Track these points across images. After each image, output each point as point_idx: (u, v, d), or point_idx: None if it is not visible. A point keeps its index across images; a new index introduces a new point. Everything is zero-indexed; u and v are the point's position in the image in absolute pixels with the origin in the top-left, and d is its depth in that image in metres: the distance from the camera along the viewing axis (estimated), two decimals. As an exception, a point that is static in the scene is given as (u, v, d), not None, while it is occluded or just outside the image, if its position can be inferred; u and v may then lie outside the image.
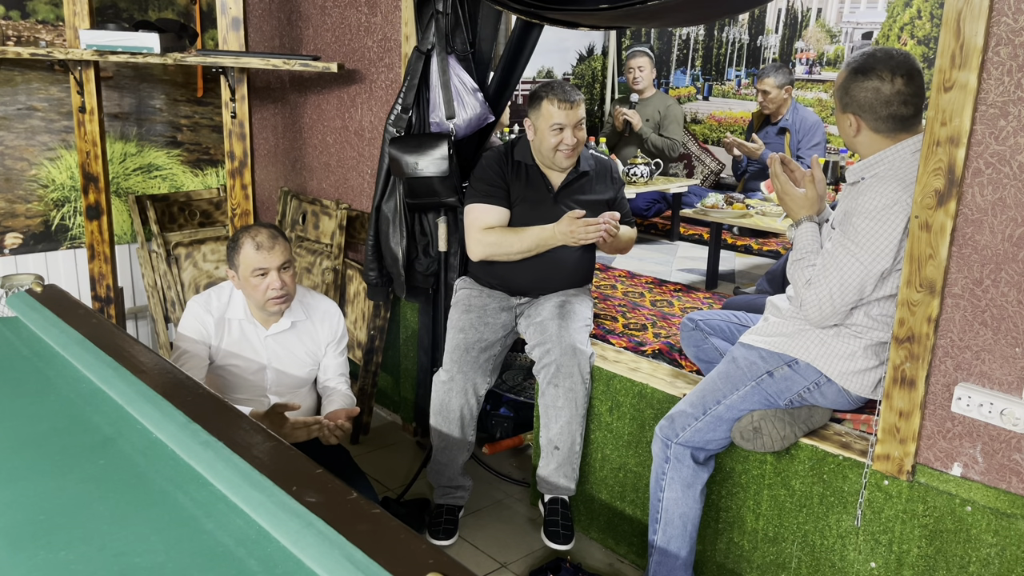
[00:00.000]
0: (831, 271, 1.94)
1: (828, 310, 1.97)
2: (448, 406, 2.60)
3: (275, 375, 2.43)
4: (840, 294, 1.94)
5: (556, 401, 2.50)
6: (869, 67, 1.93)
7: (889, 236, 1.87)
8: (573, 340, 2.51)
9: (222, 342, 2.38)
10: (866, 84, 1.93)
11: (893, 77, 1.90)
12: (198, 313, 2.37)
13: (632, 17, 2.36)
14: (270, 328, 2.41)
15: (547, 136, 2.61)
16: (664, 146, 4.68)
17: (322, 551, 1.17)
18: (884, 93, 1.91)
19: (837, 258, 1.94)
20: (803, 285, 2.01)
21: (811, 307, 1.99)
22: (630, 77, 4.85)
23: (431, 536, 2.61)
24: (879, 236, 1.88)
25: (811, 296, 1.98)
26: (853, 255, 1.91)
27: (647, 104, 4.81)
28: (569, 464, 2.56)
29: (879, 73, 1.91)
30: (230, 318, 2.39)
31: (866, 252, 1.89)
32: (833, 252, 1.95)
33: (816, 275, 1.98)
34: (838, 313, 1.98)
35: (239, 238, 2.32)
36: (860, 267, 1.91)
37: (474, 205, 2.70)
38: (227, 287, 2.44)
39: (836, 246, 1.95)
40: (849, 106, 1.98)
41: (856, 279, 1.92)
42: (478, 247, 2.69)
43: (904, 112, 1.92)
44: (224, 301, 2.40)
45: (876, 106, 1.93)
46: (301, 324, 2.44)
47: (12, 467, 1.47)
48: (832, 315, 1.98)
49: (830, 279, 1.94)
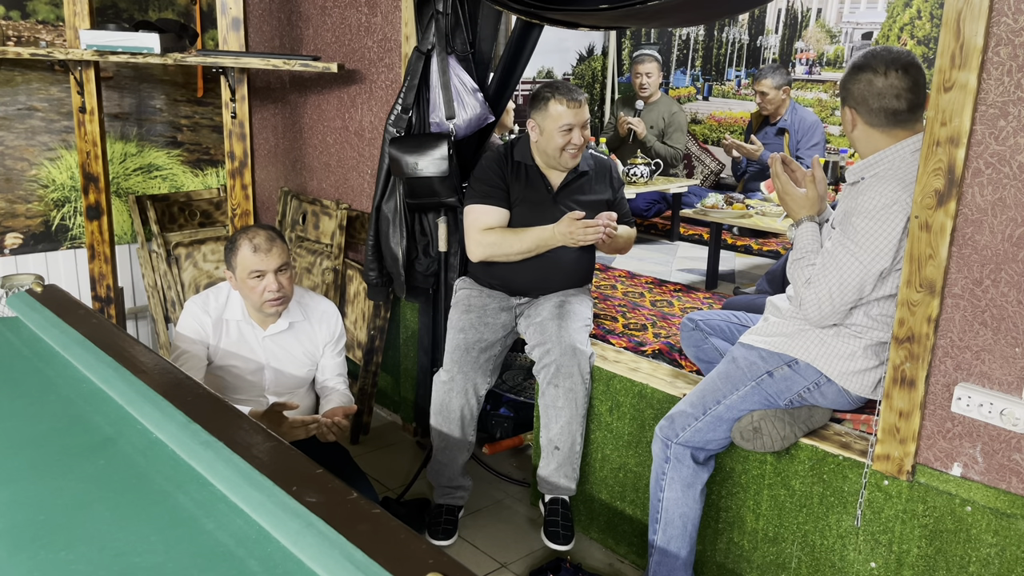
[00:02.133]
0: (830, 271, 1.95)
1: (827, 309, 1.97)
2: (448, 406, 2.60)
3: (273, 375, 2.43)
4: (839, 293, 1.94)
5: (556, 401, 2.50)
6: (865, 62, 1.96)
7: (889, 235, 1.88)
8: (573, 340, 2.51)
9: (220, 342, 2.38)
10: (860, 77, 1.95)
11: (887, 71, 1.91)
12: (196, 313, 2.37)
13: (632, 17, 2.36)
14: (268, 329, 2.41)
15: (555, 136, 2.61)
16: (667, 155, 4.68)
17: (322, 551, 1.17)
18: (876, 85, 1.92)
19: (837, 257, 1.94)
20: (803, 284, 2.01)
21: (810, 306, 1.99)
22: (637, 82, 4.80)
23: (430, 536, 2.61)
24: (879, 235, 1.88)
25: (810, 295, 1.98)
26: (852, 254, 1.91)
27: (652, 109, 4.79)
28: (569, 464, 2.56)
29: (873, 67, 1.93)
30: (228, 319, 2.39)
31: (865, 251, 1.90)
32: (833, 252, 1.96)
33: (816, 274, 1.98)
34: (837, 312, 1.98)
35: (237, 239, 2.32)
36: (859, 266, 1.91)
37: (473, 206, 2.70)
38: (224, 288, 2.44)
39: (836, 245, 1.95)
40: (846, 100, 2.00)
41: (855, 278, 1.92)
42: (478, 248, 2.69)
43: (896, 106, 1.92)
44: (222, 302, 2.41)
45: (868, 98, 1.94)
46: (299, 325, 2.44)
47: (12, 467, 1.47)
48: (831, 314, 1.98)
49: (829, 279, 1.95)
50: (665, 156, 4.67)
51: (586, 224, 2.55)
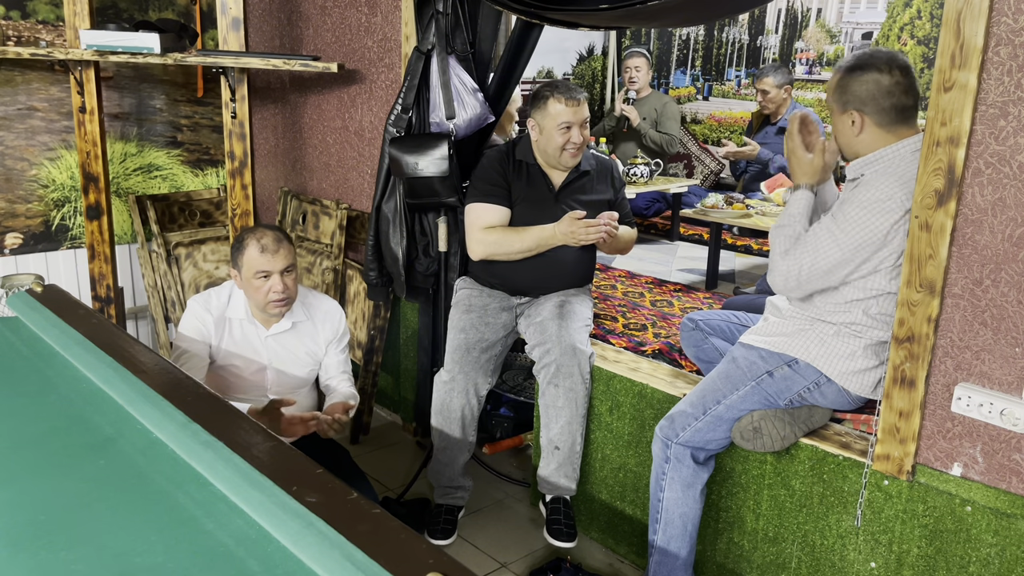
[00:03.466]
0: (808, 249, 1.97)
1: (792, 283, 2.01)
2: (449, 406, 2.60)
3: (275, 375, 2.43)
4: (808, 273, 1.97)
5: (556, 401, 2.50)
6: (864, 63, 1.95)
7: (876, 228, 1.88)
8: (573, 340, 2.51)
9: (222, 342, 2.38)
10: (865, 78, 1.94)
11: (891, 69, 1.92)
12: (198, 312, 2.37)
13: (632, 17, 2.36)
14: (271, 328, 2.40)
15: (554, 135, 2.61)
16: (662, 142, 4.70)
17: (322, 551, 1.17)
18: (885, 84, 1.92)
19: (819, 238, 1.96)
20: (779, 253, 2.04)
21: (779, 275, 2.03)
22: (626, 77, 4.90)
23: (429, 536, 2.61)
24: (865, 226, 1.89)
25: (782, 266, 2.02)
26: (835, 239, 1.93)
27: (644, 103, 4.84)
28: (570, 464, 2.56)
29: (876, 66, 1.93)
30: (230, 317, 2.39)
31: (848, 239, 1.91)
32: (816, 232, 1.98)
33: (794, 248, 2.01)
34: (801, 289, 2.02)
35: (244, 239, 2.32)
36: (838, 252, 1.92)
37: (475, 204, 2.70)
38: (227, 287, 2.44)
39: (821, 228, 1.97)
40: (850, 103, 1.97)
41: (829, 262, 1.94)
42: (479, 247, 2.69)
43: (906, 102, 1.93)
44: (224, 300, 2.40)
45: (879, 97, 1.93)
46: (302, 325, 2.44)
47: (12, 467, 1.47)
48: (795, 289, 2.03)
49: (804, 256, 1.98)
50: (660, 143, 4.69)
51: (587, 223, 2.55)
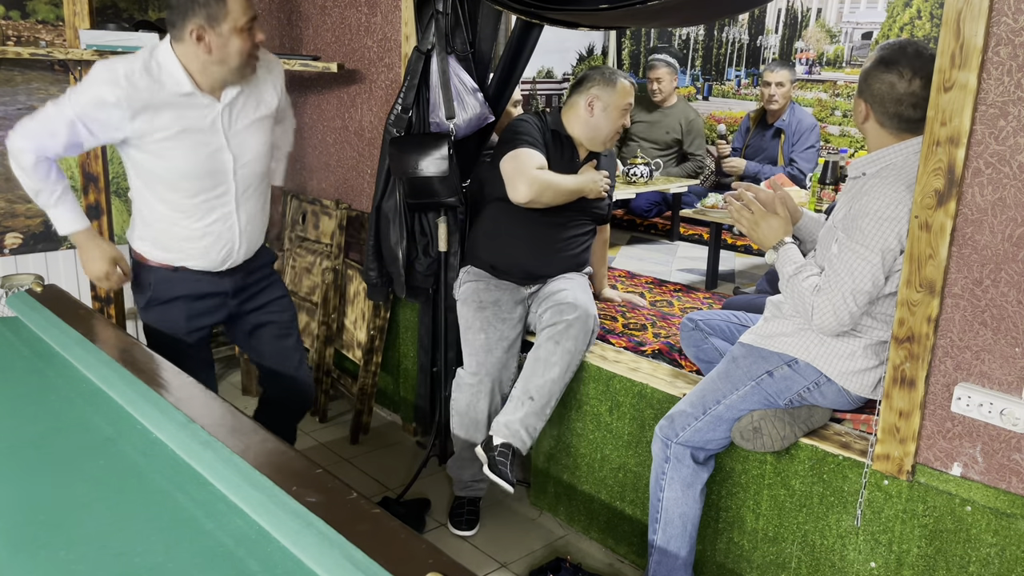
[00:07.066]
0: (843, 275, 1.90)
1: (844, 315, 1.90)
2: (476, 407, 2.62)
3: (238, 152, 2.20)
4: (854, 297, 1.89)
5: (551, 356, 2.51)
6: (894, 60, 1.89)
7: (896, 236, 1.86)
8: (589, 308, 2.61)
9: (154, 128, 2.05)
10: (884, 77, 1.90)
11: (913, 77, 1.86)
12: (112, 88, 1.98)
13: (632, 17, 2.36)
14: (223, 98, 2.13)
15: (617, 117, 2.72)
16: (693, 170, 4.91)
17: (322, 551, 1.17)
18: (897, 91, 1.88)
19: (847, 261, 1.89)
20: (811, 293, 1.95)
21: (826, 313, 1.92)
22: (650, 88, 4.94)
23: (454, 527, 2.69)
24: (887, 237, 1.85)
25: (824, 302, 1.92)
26: (862, 257, 1.88)
27: (669, 114, 4.90)
28: (536, 419, 2.50)
29: (900, 69, 1.88)
30: (170, 94, 2.05)
31: (874, 253, 1.87)
32: (841, 256, 1.91)
33: (826, 281, 1.93)
34: (855, 317, 1.91)
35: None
36: (870, 268, 1.87)
37: (525, 149, 2.65)
38: (138, 60, 2.04)
39: (843, 250, 1.91)
40: (864, 92, 1.95)
41: (868, 280, 1.88)
42: (529, 186, 2.60)
43: (911, 115, 1.89)
44: (152, 79, 2.01)
45: (886, 101, 1.91)
46: (247, 87, 2.19)
47: (12, 467, 1.47)
48: (849, 320, 1.91)
49: (842, 283, 1.89)
50: (692, 172, 4.84)
51: (602, 174, 2.78)
